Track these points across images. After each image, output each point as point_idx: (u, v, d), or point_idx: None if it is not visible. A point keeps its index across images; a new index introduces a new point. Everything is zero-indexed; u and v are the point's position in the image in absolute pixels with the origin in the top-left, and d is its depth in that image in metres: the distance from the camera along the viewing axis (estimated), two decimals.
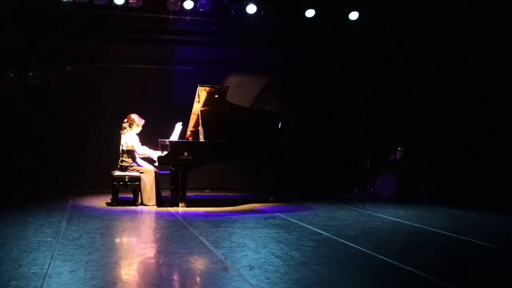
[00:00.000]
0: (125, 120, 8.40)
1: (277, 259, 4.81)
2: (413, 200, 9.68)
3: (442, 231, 6.52)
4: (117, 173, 8.26)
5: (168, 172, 8.95)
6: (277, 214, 7.68)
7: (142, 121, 8.43)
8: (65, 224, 6.39)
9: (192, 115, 8.56)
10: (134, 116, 8.38)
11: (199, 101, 8.25)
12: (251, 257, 4.85)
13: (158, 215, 7.46)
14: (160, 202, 8.33)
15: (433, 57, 10.76)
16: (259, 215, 7.59)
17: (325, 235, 6.08)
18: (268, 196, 9.26)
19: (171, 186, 9.02)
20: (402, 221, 7.30)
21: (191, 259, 4.81)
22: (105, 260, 4.64)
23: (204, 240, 5.58)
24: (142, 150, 8.38)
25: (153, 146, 8.63)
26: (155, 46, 10.68)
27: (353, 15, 10.42)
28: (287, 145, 9.17)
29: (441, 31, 10.31)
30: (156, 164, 8.28)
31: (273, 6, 10.22)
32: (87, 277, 4.06)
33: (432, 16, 10.16)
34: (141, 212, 7.79)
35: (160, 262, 4.69)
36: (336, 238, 5.88)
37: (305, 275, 4.30)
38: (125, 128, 8.35)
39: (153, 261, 4.75)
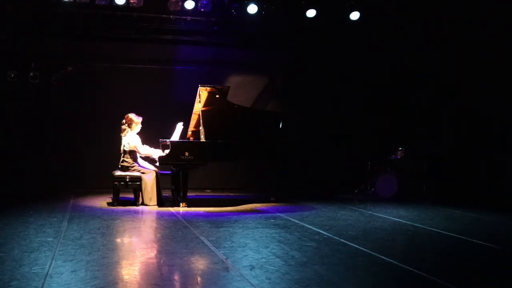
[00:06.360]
0: (123, 121, 8.40)
1: (278, 259, 4.81)
2: (414, 200, 9.67)
3: (443, 231, 6.52)
4: (118, 173, 8.26)
5: (169, 172, 8.96)
6: (278, 214, 7.68)
7: (140, 119, 8.43)
8: (66, 224, 6.40)
9: (193, 115, 8.57)
10: (131, 116, 8.38)
11: (200, 101, 8.25)
12: (252, 257, 4.85)
13: (159, 215, 7.46)
14: (161, 202, 8.33)
15: (434, 57, 10.75)
16: (260, 215, 7.59)
17: (326, 235, 6.08)
18: (269, 196, 9.27)
19: (172, 186, 9.03)
20: (403, 221, 7.30)
21: (192, 259, 4.82)
22: (106, 260, 4.64)
23: (205, 240, 5.59)
24: (145, 150, 8.39)
25: (155, 146, 8.63)
26: (156, 46, 10.68)
27: (354, 15, 10.41)
28: (287, 145, 9.17)
29: (442, 31, 10.30)
30: (157, 164, 8.29)
31: (274, 6, 10.21)
32: (88, 277, 4.07)
33: (433, 16, 10.15)
34: (142, 212, 7.79)
35: (161, 262, 4.69)
36: (337, 238, 5.88)
37: (306, 275, 4.31)
38: (125, 129, 8.36)
39: (154, 261, 4.75)
